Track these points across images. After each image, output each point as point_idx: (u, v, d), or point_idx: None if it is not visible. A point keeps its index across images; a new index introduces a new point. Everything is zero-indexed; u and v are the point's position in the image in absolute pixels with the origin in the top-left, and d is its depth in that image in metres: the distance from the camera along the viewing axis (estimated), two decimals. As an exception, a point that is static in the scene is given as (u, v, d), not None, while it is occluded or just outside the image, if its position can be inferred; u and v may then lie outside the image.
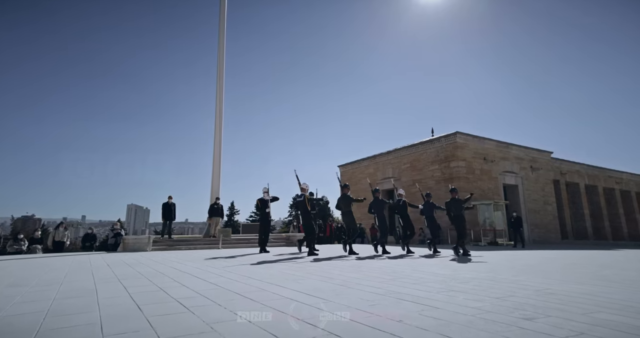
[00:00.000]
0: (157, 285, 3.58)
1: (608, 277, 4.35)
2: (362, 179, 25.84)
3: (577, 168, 27.28)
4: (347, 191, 8.60)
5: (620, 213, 29.14)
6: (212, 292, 3.16)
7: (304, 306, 2.54)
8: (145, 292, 3.21)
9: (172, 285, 3.61)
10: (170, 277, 4.21)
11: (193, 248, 11.06)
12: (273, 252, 9.35)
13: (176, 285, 3.62)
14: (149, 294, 3.09)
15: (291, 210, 58.50)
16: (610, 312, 2.38)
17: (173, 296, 2.97)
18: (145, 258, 7.32)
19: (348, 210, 8.41)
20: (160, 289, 3.35)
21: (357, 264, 5.81)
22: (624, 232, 28.73)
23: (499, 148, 21.62)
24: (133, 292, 3.19)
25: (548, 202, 23.09)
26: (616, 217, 28.98)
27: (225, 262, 6.28)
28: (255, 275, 4.34)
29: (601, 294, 3.10)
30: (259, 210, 9.48)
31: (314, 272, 4.69)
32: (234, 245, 12.03)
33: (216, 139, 14.14)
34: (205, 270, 4.99)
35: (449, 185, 13.23)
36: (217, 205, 13.10)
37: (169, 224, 12.46)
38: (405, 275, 4.31)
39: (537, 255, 9.24)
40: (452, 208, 8.54)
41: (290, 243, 13.46)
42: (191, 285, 3.54)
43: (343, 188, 8.58)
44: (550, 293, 3.08)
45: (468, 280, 3.94)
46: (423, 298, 2.85)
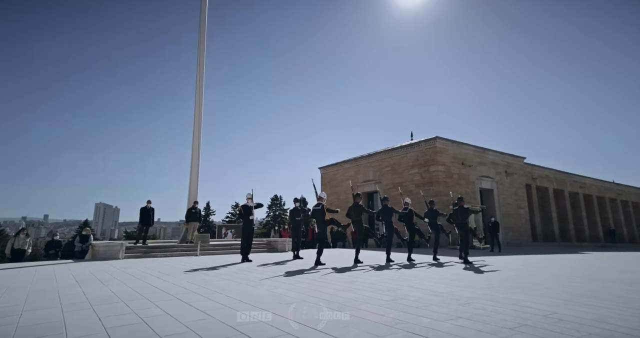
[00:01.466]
0: (137, 314, 3.20)
1: (600, 295, 4.38)
2: (343, 181, 25.80)
3: (547, 173, 28.52)
4: (359, 200, 8.64)
5: (583, 216, 30.76)
6: (203, 324, 2.84)
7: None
8: (125, 325, 2.84)
9: (154, 313, 3.25)
10: (151, 301, 3.82)
11: (170, 256, 10.49)
12: (255, 260, 8.99)
13: (159, 312, 3.26)
14: (129, 329, 2.72)
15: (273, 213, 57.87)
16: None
17: (158, 332, 2.63)
18: (119, 271, 6.77)
19: (358, 219, 8.48)
20: (141, 320, 2.98)
21: (351, 279, 5.59)
22: (586, 234, 30.36)
23: (476, 153, 22.18)
24: (110, 326, 2.81)
25: (521, 206, 23.95)
26: (580, 220, 30.57)
27: (208, 276, 5.90)
28: (245, 297, 4.03)
29: (608, 321, 3.04)
30: (241, 217, 9.11)
31: (307, 291, 4.43)
32: (212, 251, 11.54)
33: (195, 143, 13.53)
34: (188, 289, 4.61)
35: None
36: (194, 210, 12.53)
37: (145, 230, 11.78)
38: (403, 295, 4.14)
39: (519, 261, 9.43)
40: (459, 216, 8.63)
41: (271, 248, 13.11)
42: (176, 313, 3.19)
43: (355, 197, 8.67)
44: (560, 320, 3.00)
45: (468, 301, 3.82)
46: (434, 331, 2.66)
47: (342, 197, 25.92)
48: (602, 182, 33.77)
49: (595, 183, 33.08)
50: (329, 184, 27.39)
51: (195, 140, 13.54)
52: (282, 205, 59.43)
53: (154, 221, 11.84)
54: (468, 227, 8.75)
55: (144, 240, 11.82)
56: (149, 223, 11.57)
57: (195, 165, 13.44)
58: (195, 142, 13.53)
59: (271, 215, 58.56)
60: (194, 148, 13.47)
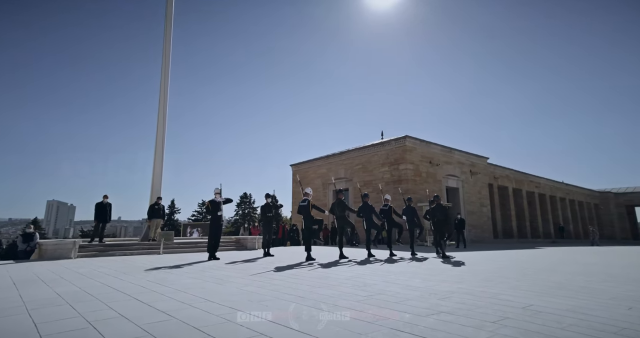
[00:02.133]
0: (85, 317, 2.79)
1: (565, 286, 4.49)
2: (315, 179, 25.63)
3: (507, 173, 30.04)
4: (341, 196, 8.88)
5: (537, 214, 32.79)
6: (164, 326, 2.50)
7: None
8: (65, 332, 2.43)
9: (106, 315, 2.85)
10: (103, 302, 3.38)
11: (129, 255, 9.74)
12: (223, 258, 8.56)
13: (112, 315, 2.87)
14: (69, 336, 2.33)
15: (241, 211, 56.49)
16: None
17: (107, 337, 2.27)
18: (68, 271, 6.11)
19: (342, 215, 8.61)
20: (88, 324, 2.59)
21: (324, 275, 5.39)
22: (539, 231, 32.39)
23: (444, 152, 22.86)
24: (47, 333, 2.39)
25: (484, 204, 25.03)
26: (535, 218, 32.55)
27: (171, 274, 5.45)
28: (213, 295, 3.70)
29: (581, 310, 3.06)
30: (209, 212, 8.63)
31: (280, 288, 4.17)
32: (176, 250, 10.90)
33: (158, 137, 12.69)
34: (148, 288, 4.18)
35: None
36: (158, 206, 11.77)
37: (101, 227, 10.87)
38: (380, 290, 4.00)
39: (485, 257, 9.71)
40: (437, 213, 8.96)
41: (240, 246, 12.64)
42: (133, 316, 2.81)
43: (337, 194, 8.90)
44: (538, 312, 2.96)
45: (447, 295, 3.74)
46: (418, 327, 2.51)
47: (313, 194, 25.76)
48: (554, 182, 36.14)
49: (548, 183, 35.34)
50: (301, 181, 27.11)
51: (160, 132, 12.73)
52: (251, 204, 58.32)
53: (111, 217, 10.95)
54: (445, 223, 9.03)
55: (100, 237, 10.92)
56: (106, 219, 10.70)
57: (159, 158, 12.65)
58: (160, 133, 12.72)
59: (240, 214, 57.28)
60: (158, 140, 12.66)
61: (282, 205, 10.11)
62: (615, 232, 42.55)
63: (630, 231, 43.84)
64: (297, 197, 27.59)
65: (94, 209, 10.64)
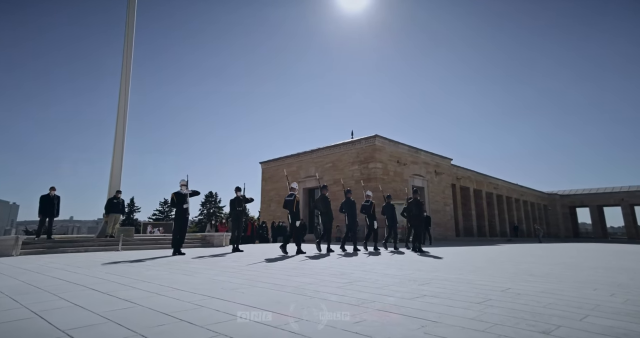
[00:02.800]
0: (29, 308, 2.41)
1: (533, 273, 4.67)
2: (284, 176, 25.31)
3: (469, 174, 31.48)
4: (326, 192, 8.81)
5: (495, 213, 34.71)
6: (127, 313, 2.21)
7: (276, 331, 1.86)
8: (6, 322, 2.08)
9: (56, 305, 2.49)
10: (53, 293, 2.98)
11: (84, 251, 8.93)
12: (189, 253, 8.10)
13: (63, 305, 2.51)
14: (10, 327, 1.99)
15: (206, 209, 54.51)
16: (599, 316, 2.30)
17: (59, 325, 1.95)
18: (9, 267, 5.44)
19: (327, 210, 8.59)
20: (34, 314, 2.23)
21: (299, 266, 5.21)
22: (497, 230, 34.30)
23: (410, 152, 23.47)
24: (-15, 325, 2.02)
25: (447, 203, 26.01)
26: (493, 217, 34.42)
27: (133, 267, 5.01)
28: (182, 285, 3.40)
29: (554, 292, 3.15)
30: (174, 205, 8.12)
31: (255, 277, 3.94)
32: (138, 246, 10.18)
33: (119, 123, 11.81)
34: (107, 279, 3.78)
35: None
36: (117, 200, 10.94)
37: (48, 222, 9.88)
38: (359, 278, 3.90)
39: (451, 251, 10.01)
40: (413, 208, 9.04)
41: (206, 243, 12.10)
42: (90, 304, 2.48)
43: (322, 189, 8.84)
44: (518, 294, 3.00)
45: (426, 281, 3.72)
46: (406, 308, 2.43)
47: (282, 192, 25.41)
48: (510, 184, 38.45)
49: (505, 185, 37.54)
50: (270, 179, 26.68)
51: (120, 121, 11.86)
52: (217, 203, 56.52)
53: (59, 212, 9.92)
54: (421, 219, 9.22)
55: (48, 234, 9.93)
56: (53, 213, 9.70)
57: (119, 149, 11.78)
58: (120, 123, 11.86)
59: (205, 214, 55.30)
60: (118, 129, 11.79)
61: (253, 199, 9.76)
62: (560, 230, 46.13)
63: (572, 230, 47.79)
64: (266, 195, 27.10)
65: (38, 203, 9.61)
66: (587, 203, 45.79)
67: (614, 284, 3.68)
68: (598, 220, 46.22)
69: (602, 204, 45.37)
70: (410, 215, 9.15)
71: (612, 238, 45.00)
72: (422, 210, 9.37)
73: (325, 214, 8.59)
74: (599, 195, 44.82)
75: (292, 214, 8.07)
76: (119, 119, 11.81)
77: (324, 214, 8.60)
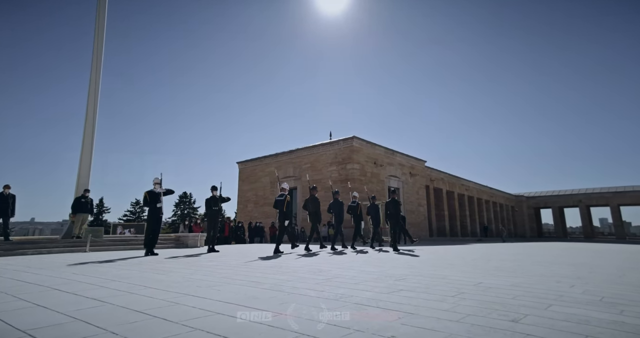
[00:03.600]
0: (-12, 310, 2.26)
1: (502, 269, 4.88)
2: (262, 177, 25.06)
3: (442, 176, 32.45)
4: (315, 193, 8.94)
5: (467, 214, 35.98)
6: (95, 311, 2.12)
7: (253, 325, 1.84)
8: (-36, 324, 1.93)
9: (16, 306, 2.34)
10: (10, 294, 2.80)
11: (47, 253, 8.42)
12: (163, 254, 7.84)
13: (23, 305, 2.36)
14: (-29, 328, 1.85)
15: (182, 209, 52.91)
16: (562, 305, 2.44)
17: (18, 326, 1.84)
18: (-38, 268, 5.05)
19: (315, 210, 8.76)
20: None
21: (276, 264, 5.17)
22: (468, 230, 35.58)
23: (387, 154, 23.90)
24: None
25: (421, 204, 26.68)
26: (464, 218, 35.66)
27: (102, 267, 4.79)
28: (155, 283, 3.29)
29: (522, 285, 3.31)
30: (147, 204, 7.83)
31: (231, 275, 3.88)
32: (107, 247, 9.74)
33: (89, 117, 11.25)
34: (73, 279, 3.59)
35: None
36: (85, 199, 10.41)
37: (4, 222, 9.22)
38: (336, 275, 3.93)
39: (425, 250, 10.26)
40: (390, 208, 9.31)
41: (180, 244, 11.75)
42: (53, 304, 2.34)
43: (312, 190, 8.94)
44: (489, 288, 3.12)
45: (402, 277, 3.79)
46: (383, 302, 2.47)
47: (260, 193, 25.17)
48: (481, 186, 39.97)
49: (476, 187, 38.99)
50: (248, 180, 26.33)
51: (90, 115, 11.31)
52: (192, 203, 55.04)
53: (14, 211, 9.27)
54: (399, 218, 9.47)
55: (4, 235, 9.27)
56: (8, 213, 9.09)
57: (88, 146, 11.22)
58: (90, 117, 11.30)
59: (179, 214, 53.69)
60: (87, 124, 11.22)
61: (230, 198, 9.58)
62: (526, 230, 48.51)
63: (537, 230, 50.40)
64: (243, 195, 26.69)
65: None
66: (550, 204, 48.41)
67: (575, 277, 3.92)
68: (559, 220, 48.98)
69: (563, 206, 48.11)
70: (387, 214, 9.42)
71: (570, 238, 47.88)
72: (399, 210, 9.59)
73: (314, 214, 8.73)
74: (560, 197, 47.49)
75: (281, 214, 8.10)
76: (89, 113, 11.27)
77: (313, 214, 8.74)
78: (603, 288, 3.11)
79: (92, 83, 11.53)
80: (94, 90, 11.50)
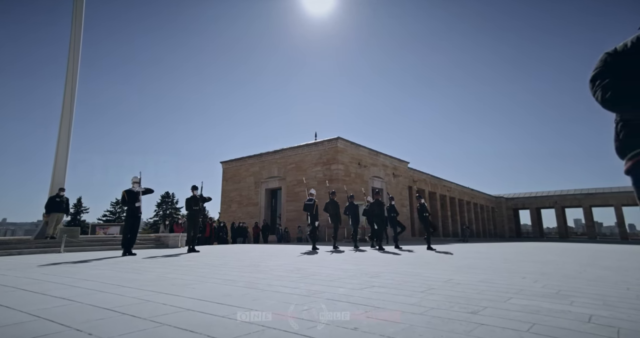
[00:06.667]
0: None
1: (475, 267, 5.05)
2: (247, 177, 24.88)
3: (424, 177, 33.03)
4: (334, 197, 10.01)
5: (448, 215, 36.74)
6: (61, 310, 2.09)
7: (222, 320, 1.87)
8: None
9: (-19, 307, 2.29)
10: (-23, 295, 2.72)
11: (17, 254, 8.12)
12: (141, 254, 7.71)
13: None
14: None
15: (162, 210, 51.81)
16: (520, 298, 2.57)
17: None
18: None
19: (335, 212, 9.74)
20: (-45, 316, 2.04)
21: (253, 263, 5.19)
22: (449, 230, 36.34)
23: (371, 155, 24.16)
24: None
25: (404, 204, 27.06)
26: (446, 218, 36.41)
27: (74, 267, 4.68)
28: (129, 282, 3.26)
29: (489, 281, 3.46)
30: (125, 203, 7.68)
31: (207, 274, 3.87)
32: (84, 248, 9.47)
33: (65, 113, 10.91)
34: (41, 279, 3.51)
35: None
36: (59, 198, 10.11)
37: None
38: (313, 273, 3.98)
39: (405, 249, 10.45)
40: (374, 208, 9.63)
41: (160, 244, 11.56)
42: (17, 304, 2.30)
43: (332, 194, 10.05)
44: (458, 283, 3.24)
45: (377, 274, 3.89)
46: (354, 297, 2.54)
47: (244, 193, 24.97)
48: (462, 187, 40.89)
49: (458, 188, 39.87)
50: (232, 180, 26.08)
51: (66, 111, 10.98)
52: (174, 204, 54.03)
53: None
54: (383, 218, 9.69)
55: (-25, 235, 8.93)
56: None
57: (64, 141, 10.89)
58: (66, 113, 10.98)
59: (161, 215, 52.59)
60: (63, 121, 10.90)
61: (211, 198, 9.50)
62: (505, 231, 49.92)
63: (515, 230, 51.95)
64: (227, 195, 26.39)
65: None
66: (528, 206, 49.99)
67: (540, 273, 4.11)
68: (537, 221, 50.64)
69: (540, 207, 49.77)
70: (373, 215, 9.55)
71: (547, 238, 49.57)
72: (383, 211, 9.77)
73: (335, 216, 9.70)
74: (537, 199, 49.12)
75: (312, 216, 9.26)
76: (65, 109, 10.94)
77: (333, 216, 9.71)
78: (562, 283, 3.29)
79: (70, 73, 11.17)
80: (71, 80, 11.14)
